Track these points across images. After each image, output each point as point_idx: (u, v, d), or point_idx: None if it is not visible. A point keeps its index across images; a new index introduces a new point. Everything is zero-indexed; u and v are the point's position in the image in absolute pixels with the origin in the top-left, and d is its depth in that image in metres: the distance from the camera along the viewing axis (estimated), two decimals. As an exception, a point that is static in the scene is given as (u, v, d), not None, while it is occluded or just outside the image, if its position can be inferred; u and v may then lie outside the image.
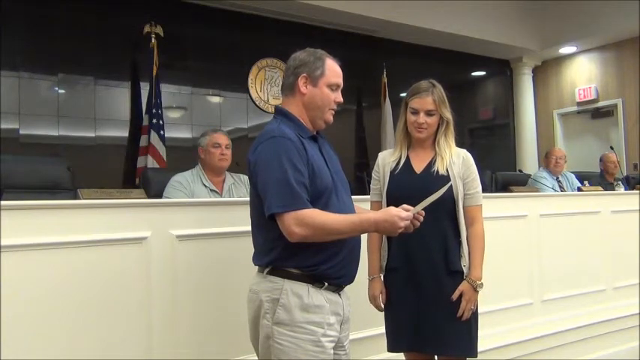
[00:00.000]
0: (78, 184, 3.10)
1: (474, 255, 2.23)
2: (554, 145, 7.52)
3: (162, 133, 5.21)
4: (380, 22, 6.40)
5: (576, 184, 5.31)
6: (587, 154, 7.35)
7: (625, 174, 6.24)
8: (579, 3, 7.17)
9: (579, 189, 4.71)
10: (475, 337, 2.25)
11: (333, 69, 1.94)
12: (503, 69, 8.31)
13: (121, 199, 2.27)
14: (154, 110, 5.20)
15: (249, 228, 1.97)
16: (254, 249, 1.94)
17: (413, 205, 1.87)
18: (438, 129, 2.29)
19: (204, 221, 2.37)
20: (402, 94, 6.61)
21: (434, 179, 2.21)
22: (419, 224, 1.89)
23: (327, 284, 1.86)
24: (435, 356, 2.28)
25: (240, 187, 3.47)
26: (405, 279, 2.23)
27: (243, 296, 1.96)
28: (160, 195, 3.26)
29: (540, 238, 3.59)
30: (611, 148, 6.04)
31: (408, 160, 2.32)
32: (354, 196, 2.06)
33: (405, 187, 2.24)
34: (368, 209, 2.29)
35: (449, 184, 2.09)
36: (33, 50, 4.93)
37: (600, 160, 5.86)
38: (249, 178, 1.92)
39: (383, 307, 2.29)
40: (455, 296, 2.18)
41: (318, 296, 1.84)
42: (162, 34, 5.30)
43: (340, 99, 1.97)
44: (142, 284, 2.19)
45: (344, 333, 1.95)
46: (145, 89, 5.35)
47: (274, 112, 2.00)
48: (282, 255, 1.83)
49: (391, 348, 2.29)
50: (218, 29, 5.84)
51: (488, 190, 4.54)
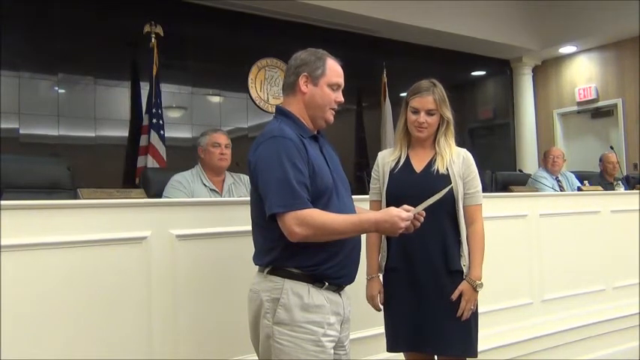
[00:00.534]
0: (78, 183, 3.10)
1: (473, 255, 2.23)
2: (554, 145, 7.52)
3: (162, 132, 5.21)
4: (380, 21, 6.40)
5: (576, 183, 5.30)
6: (587, 153, 7.35)
7: (625, 174, 6.24)
8: (579, 3, 7.17)
9: (579, 189, 4.70)
10: (475, 337, 2.25)
11: (334, 68, 1.94)
12: (503, 69, 8.31)
13: (121, 198, 2.27)
14: (153, 110, 5.20)
15: (249, 228, 1.97)
16: (254, 249, 1.94)
17: (413, 205, 1.87)
18: (438, 128, 2.28)
19: (204, 221, 2.37)
20: (402, 93, 6.62)
21: (434, 178, 2.21)
22: (419, 225, 1.89)
23: (327, 284, 1.86)
24: (435, 356, 2.28)
25: (240, 187, 3.47)
26: (405, 279, 2.23)
27: (243, 296, 1.96)
28: (160, 195, 3.26)
29: (540, 237, 3.59)
30: (611, 147, 6.03)
31: (407, 160, 2.32)
32: (354, 196, 2.06)
33: (405, 186, 2.24)
34: (368, 209, 2.29)
35: (450, 186, 2.09)
36: (33, 50, 4.93)
37: (600, 160, 5.85)
38: (249, 178, 1.92)
39: (381, 306, 2.29)
40: (454, 296, 2.18)
41: (318, 296, 1.84)
42: (162, 33, 5.29)
43: (341, 98, 1.97)
44: (142, 284, 2.19)
45: (344, 333, 1.96)
46: (145, 89, 5.35)
47: (275, 111, 2.00)
48: (282, 255, 1.83)
49: (390, 348, 2.29)
50: (218, 29, 5.84)
51: (488, 190, 4.53)
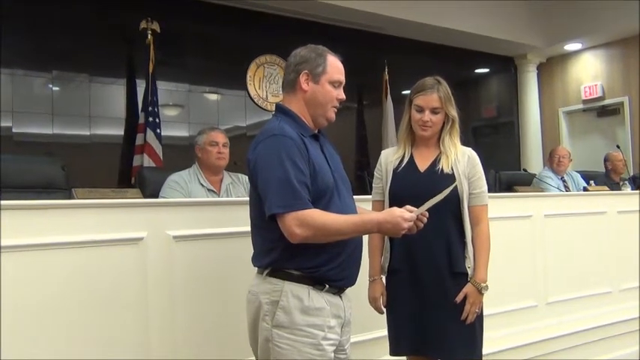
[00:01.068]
0: (72, 183, 3.09)
1: (478, 256, 2.22)
2: (559, 144, 7.51)
3: (158, 131, 5.20)
4: (381, 18, 6.38)
5: (582, 183, 5.30)
6: (593, 152, 7.33)
7: (632, 173, 6.23)
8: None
9: (585, 189, 4.71)
10: (480, 340, 2.25)
11: (334, 65, 1.94)
12: (507, 66, 8.29)
13: (117, 198, 2.27)
14: (150, 108, 5.19)
15: (247, 228, 1.96)
16: (253, 250, 1.94)
17: (417, 205, 1.87)
18: (442, 127, 2.28)
19: (201, 221, 2.37)
20: (404, 91, 6.62)
21: (438, 178, 2.20)
22: (422, 225, 1.88)
23: (328, 286, 1.86)
24: (438, 360, 2.28)
25: (239, 187, 3.47)
26: (408, 281, 2.23)
27: (241, 298, 1.95)
28: (156, 195, 3.25)
29: (545, 238, 3.58)
30: (618, 147, 6.03)
31: (411, 159, 2.31)
32: (355, 196, 2.06)
33: (409, 186, 2.23)
34: (369, 209, 2.28)
35: (454, 184, 2.08)
36: (27, 47, 4.92)
37: (605, 160, 5.85)
38: (248, 177, 1.92)
39: (383, 309, 2.29)
40: (459, 298, 2.18)
41: (318, 298, 1.84)
42: (158, 30, 5.28)
43: (342, 96, 1.97)
44: (138, 286, 2.18)
45: (345, 336, 1.95)
46: (141, 86, 5.34)
47: (275, 109, 2.00)
48: (282, 256, 1.82)
49: (393, 351, 2.28)
50: (216, 25, 5.82)
51: (491, 190, 4.49)
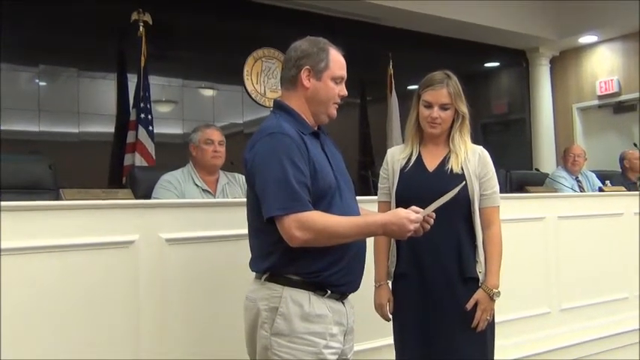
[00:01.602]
0: (60, 183, 3.10)
1: (490, 260, 2.22)
2: (573, 142, 7.51)
3: (150, 128, 5.20)
4: (385, 8, 6.38)
5: (597, 183, 5.31)
6: (609, 151, 7.33)
7: (650, 173, 6.23)
8: (600, -11, 7.16)
9: (600, 189, 4.70)
10: (491, 349, 2.25)
11: (337, 60, 1.94)
12: (518, 60, 8.30)
13: (107, 199, 2.27)
14: (141, 104, 5.18)
15: (245, 231, 1.96)
16: (251, 254, 1.94)
17: (425, 207, 1.87)
18: (452, 124, 2.28)
19: (196, 224, 2.37)
20: (410, 86, 6.62)
21: (448, 178, 2.20)
22: (429, 227, 1.88)
23: (329, 292, 1.86)
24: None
25: (235, 187, 3.47)
26: (415, 286, 2.22)
27: (238, 305, 1.95)
28: (149, 196, 3.26)
29: (559, 242, 3.59)
30: (635, 145, 6.02)
31: (419, 158, 2.31)
32: (358, 197, 2.06)
33: (416, 186, 2.23)
34: (373, 211, 2.28)
35: (462, 183, 2.08)
36: (12, 40, 4.91)
37: (621, 159, 5.84)
38: (245, 178, 1.92)
39: (390, 316, 2.29)
40: (469, 305, 2.17)
41: (320, 305, 1.84)
42: (151, 21, 5.28)
43: (345, 92, 1.97)
44: (129, 292, 2.18)
45: (348, 344, 1.95)
46: (133, 81, 5.33)
47: (273, 106, 2.00)
48: (281, 260, 1.82)
49: (399, 360, 2.28)
50: (211, 17, 5.82)
51: (502, 191, 4.48)
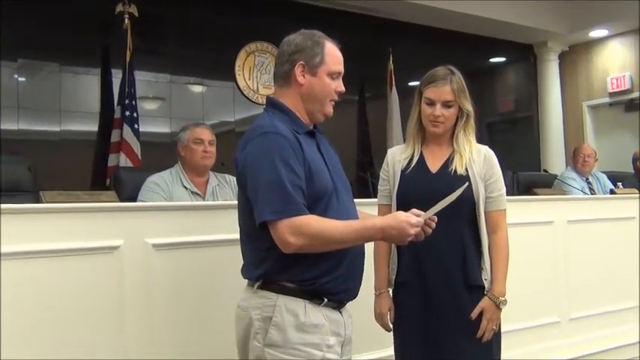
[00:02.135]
0: (40, 185, 3.10)
1: (496, 267, 2.22)
2: (583, 142, 7.53)
3: (136, 127, 5.20)
4: (385, 1, 6.39)
5: (608, 185, 5.32)
6: (621, 151, 7.35)
7: (663, 174, 6.24)
8: (611, -19, 7.18)
9: (612, 191, 4.72)
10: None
11: (333, 55, 1.94)
12: (525, 55, 8.32)
13: (90, 202, 2.27)
14: (127, 101, 5.18)
15: (236, 236, 1.96)
16: (243, 260, 1.94)
17: (426, 210, 1.87)
18: (456, 122, 2.28)
19: (184, 228, 2.37)
20: (411, 82, 6.63)
21: (451, 180, 2.20)
22: (431, 231, 1.89)
23: (326, 300, 1.86)
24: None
25: (226, 189, 3.47)
26: (417, 294, 2.23)
27: (229, 314, 1.95)
28: (134, 198, 3.26)
29: (568, 247, 3.60)
30: (647, 144, 6.05)
31: (421, 158, 2.31)
32: (356, 200, 2.06)
33: (419, 188, 2.23)
34: (372, 214, 2.28)
35: (465, 184, 2.08)
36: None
37: (634, 159, 5.86)
38: (237, 180, 1.91)
39: (390, 326, 2.29)
40: (474, 314, 2.18)
41: (316, 314, 1.83)
42: (136, 13, 5.27)
43: (342, 88, 1.97)
44: (113, 300, 2.18)
45: (346, 356, 1.95)
46: (118, 77, 5.33)
47: (265, 103, 2.00)
48: (275, 267, 1.82)
49: (400, 372, 2.29)
50: (201, 8, 5.82)
51: (509, 193, 4.49)
